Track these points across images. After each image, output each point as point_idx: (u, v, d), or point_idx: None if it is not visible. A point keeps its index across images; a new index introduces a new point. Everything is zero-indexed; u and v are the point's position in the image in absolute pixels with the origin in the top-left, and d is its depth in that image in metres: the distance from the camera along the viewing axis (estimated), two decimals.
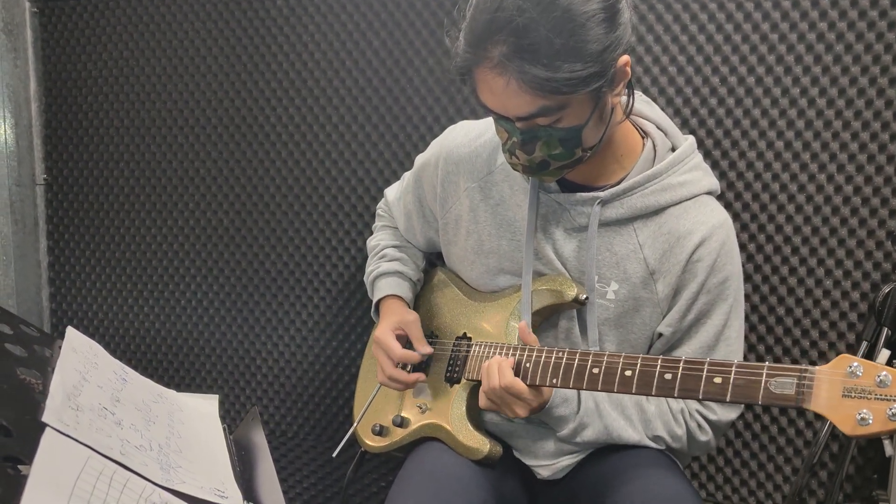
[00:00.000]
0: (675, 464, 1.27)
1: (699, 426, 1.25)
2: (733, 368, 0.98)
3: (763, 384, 0.95)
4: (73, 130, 2.05)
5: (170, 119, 1.96)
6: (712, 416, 1.25)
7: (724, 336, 1.24)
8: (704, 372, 1.00)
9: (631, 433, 1.24)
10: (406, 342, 1.38)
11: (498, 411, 1.21)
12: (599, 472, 1.25)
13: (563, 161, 1.14)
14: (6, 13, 1.96)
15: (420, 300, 1.49)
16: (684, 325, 1.23)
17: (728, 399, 0.97)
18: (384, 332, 1.37)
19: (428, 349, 1.36)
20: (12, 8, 1.98)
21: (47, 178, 2.09)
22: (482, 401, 1.21)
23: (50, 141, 2.08)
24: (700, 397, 1.00)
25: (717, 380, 0.98)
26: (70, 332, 1.06)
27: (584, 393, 1.24)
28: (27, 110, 2.05)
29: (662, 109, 1.49)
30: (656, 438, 1.25)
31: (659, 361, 1.04)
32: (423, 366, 1.38)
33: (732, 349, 1.25)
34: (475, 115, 1.64)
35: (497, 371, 1.17)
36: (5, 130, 1.99)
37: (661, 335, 1.26)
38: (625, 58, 1.09)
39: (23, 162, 2.04)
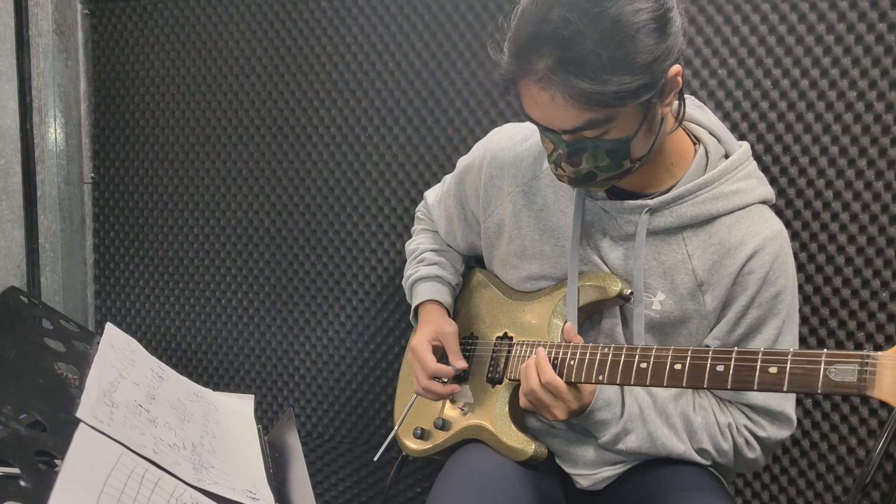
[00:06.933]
0: (719, 481, 1.23)
1: (747, 443, 1.20)
2: (789, 357, 0.94)
3: (822, 372, 0.90)
4: (121, 130, 2.08)
5: (214, 120, 1.98)
6: (761, 433, 1.19)
7: None
8: (759, 362, 0.96)
9: (676, 443, 1.19)
10: (442, 353, 1.36)
11: (539, 415, 1.18)
12: (641, 486, 1.21)
13: (611, 173, 1.11)
14: (59, 15, 2.00)
15: (459, 302, 1.47)
16: (732, 339, 1.19)
17: (785, 389, 0.93)
18: (420, 342, 1.35)
19: (463, 364, 1.34)
20: (65, 10, 2.02)
21: (95, 177, 2.12)
22: (522, 401, 1.19)
23: (98, 140, 2.11)
24: (755, 388, 0.96)
25: (773, 369, 0.94)
26: (109, 328, 1.06)
27: (628, 397, 1.20)
28: (77, 110, 2.09)
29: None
30: (702, 451, 1.20)
31: (710, 353, 1.00)
32: (459, 377, 1.36)
33: None
34: (518, 119, 1.61)
35: (535, 369, 1.15)
36: (55, 129, 2.03)
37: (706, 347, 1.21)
38: (676, 67, 1.04)
39: (72, 160, 2.08)
